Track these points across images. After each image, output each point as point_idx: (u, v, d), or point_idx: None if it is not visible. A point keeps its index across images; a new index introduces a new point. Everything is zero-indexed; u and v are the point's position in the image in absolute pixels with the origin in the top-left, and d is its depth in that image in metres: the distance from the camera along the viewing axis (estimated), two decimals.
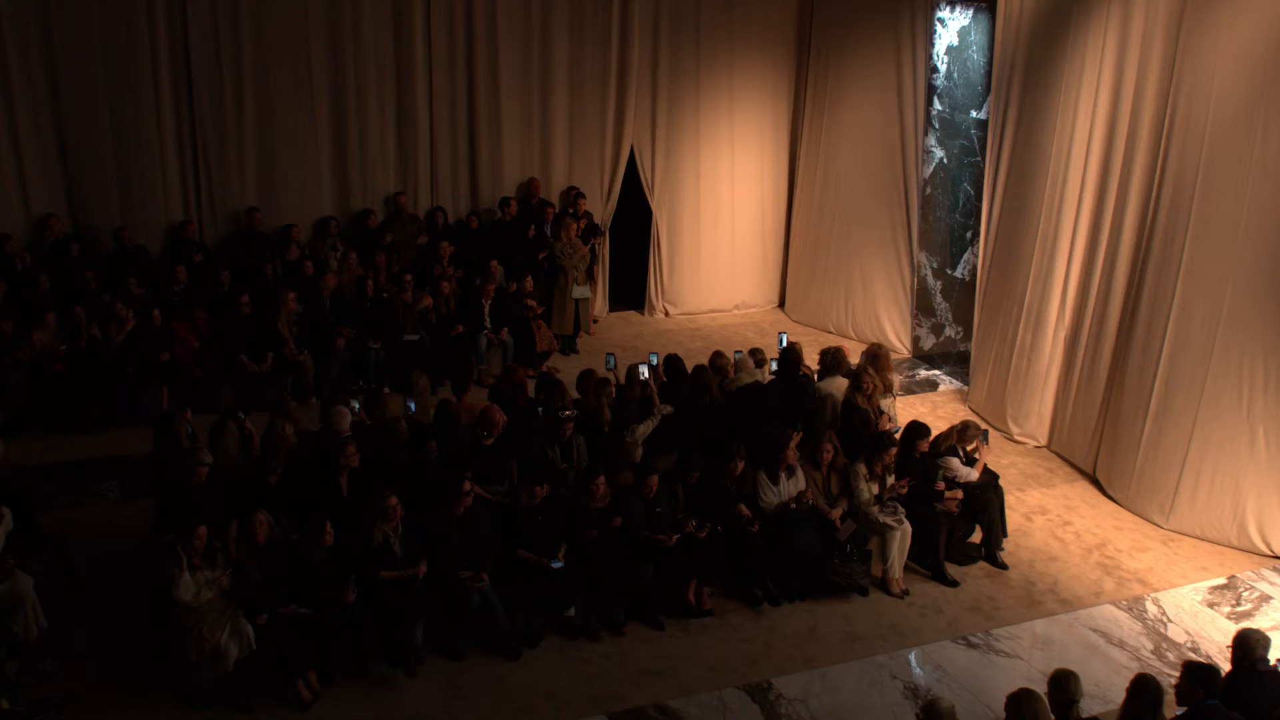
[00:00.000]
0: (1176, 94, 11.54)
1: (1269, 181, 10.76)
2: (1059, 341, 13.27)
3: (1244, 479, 11.24)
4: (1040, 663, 9.60)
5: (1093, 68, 12.52)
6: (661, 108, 17.12)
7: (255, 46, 14.75)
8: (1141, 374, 11.97)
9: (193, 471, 9.54)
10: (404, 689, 8.94)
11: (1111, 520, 12.01)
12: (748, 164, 17.81)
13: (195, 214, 14.94)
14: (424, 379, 11.61)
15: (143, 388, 12.96)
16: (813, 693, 9.11)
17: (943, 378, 15.82)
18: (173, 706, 8.59)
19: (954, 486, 10.99)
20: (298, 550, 8.94)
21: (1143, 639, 9.99)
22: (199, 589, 8.60)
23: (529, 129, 16.49)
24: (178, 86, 14.51)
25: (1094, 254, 12.68)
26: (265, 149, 15.11)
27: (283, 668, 8.64)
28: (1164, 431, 11.74)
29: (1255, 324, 10.98)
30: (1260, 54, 10.76)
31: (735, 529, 10.30)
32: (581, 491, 9.99)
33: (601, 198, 17.08)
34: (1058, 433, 13.49)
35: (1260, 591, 10.74)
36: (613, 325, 17.32)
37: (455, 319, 14.58)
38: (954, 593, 10.62)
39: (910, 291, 16.46)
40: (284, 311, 13.65)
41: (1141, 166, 12.03)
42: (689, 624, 9.94)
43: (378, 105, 15.56)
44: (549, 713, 8.75)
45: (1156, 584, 10.85)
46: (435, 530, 9.35)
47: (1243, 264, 11.00)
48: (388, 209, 15.85)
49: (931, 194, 15.95)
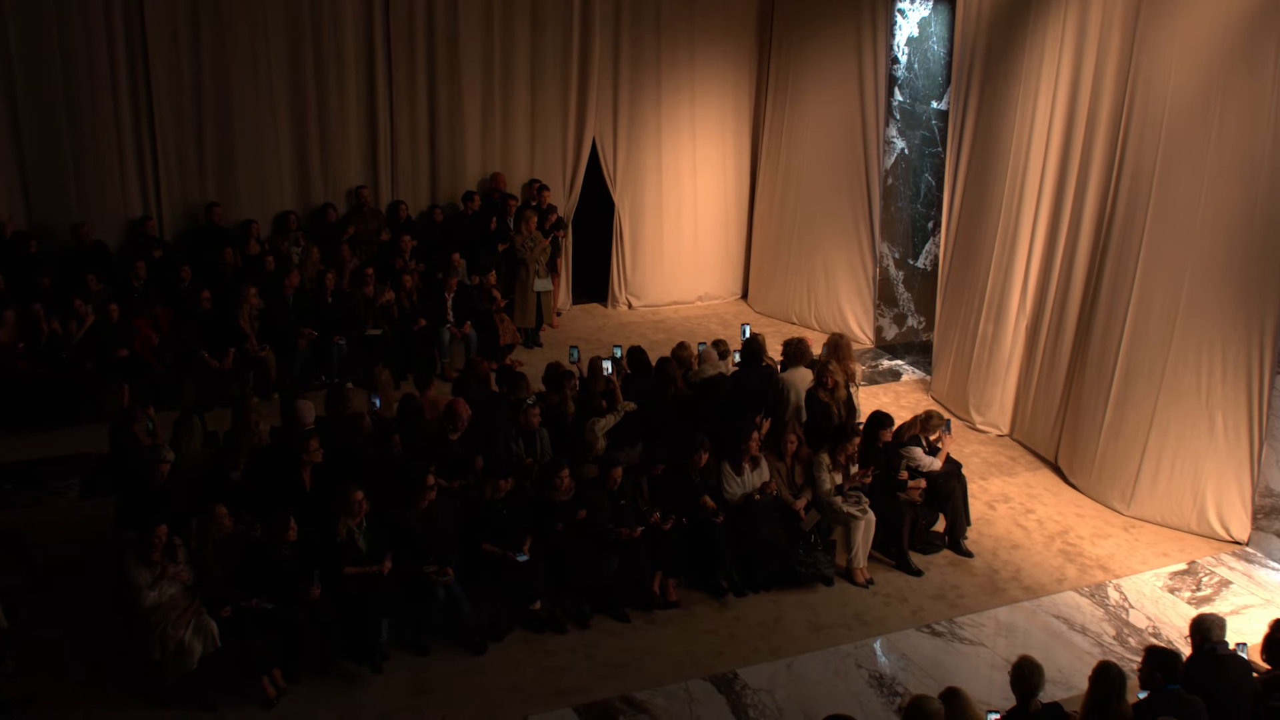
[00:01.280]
0: (1134, 85, 11.62)
1: (1225, 171, 10.85)
2: (1020, 331, 13.35)
3: (1203, 465, 11.34)
4: (1004, 650, 9.67)
5: (1052, 59, 12.59)
6: (623, 100, 17.11)
7: (213, 41, 14.62)
8: (1102, 362, 12.06)
9: (154, 469, 9.47)
10: (370, 685, 8.91)
11: (1073, 507, 12.09)
12: (710, 156, 17.81)
13: (154, 209, 14.81)
14: (386, 373, 11.54)
15: (102, 384, 12.85)
16: (778, 682, 9.13)
17: (905, 368, 15.88)
18: (136, 705, 8.53)
19: (917, 476, 11.04)
20: (261, 545, 8.89)
21: (1105, 625, 10.07)
22: (161, 589, 8.54)
23: (490, 121, 16.44)
24: (135, 81, 14.38)
25: (1054, 244, 12.76)
26: (224, 144, 15.00)
27: (248, 665, 8.60)
28: (1124, 419, 11.83)
29: (1213, 312, 11.07)
30: (1216, 45, 10.84)
31: (700, 520, 10.31)
32: (546, 484, 9.99)
33: (564, 190, 17.05)
34: (1020, 421, 13.57)
35: (1220, 576, 10.84)
36: (576, 318, 17.31)
37: (418, 313, 14.53)
38: (918, 581, 10.68)
39: (872, 282, 16.52)
40: (245, 307, 13.56)
41: (1100, 157, 12.11)
42: (654, 616, 9.96)
43: (337, 99, 15.48)
44: (515, 706, 8.74)
45: (1118, 570, 10.94)
46: (399, 525, 9.32)
47: (1200, 253, 11.09)
48: (350, 203, 15.77)
49: (893, 184, 16.00)
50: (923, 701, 6.82)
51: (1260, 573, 10.89)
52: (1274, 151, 10.49)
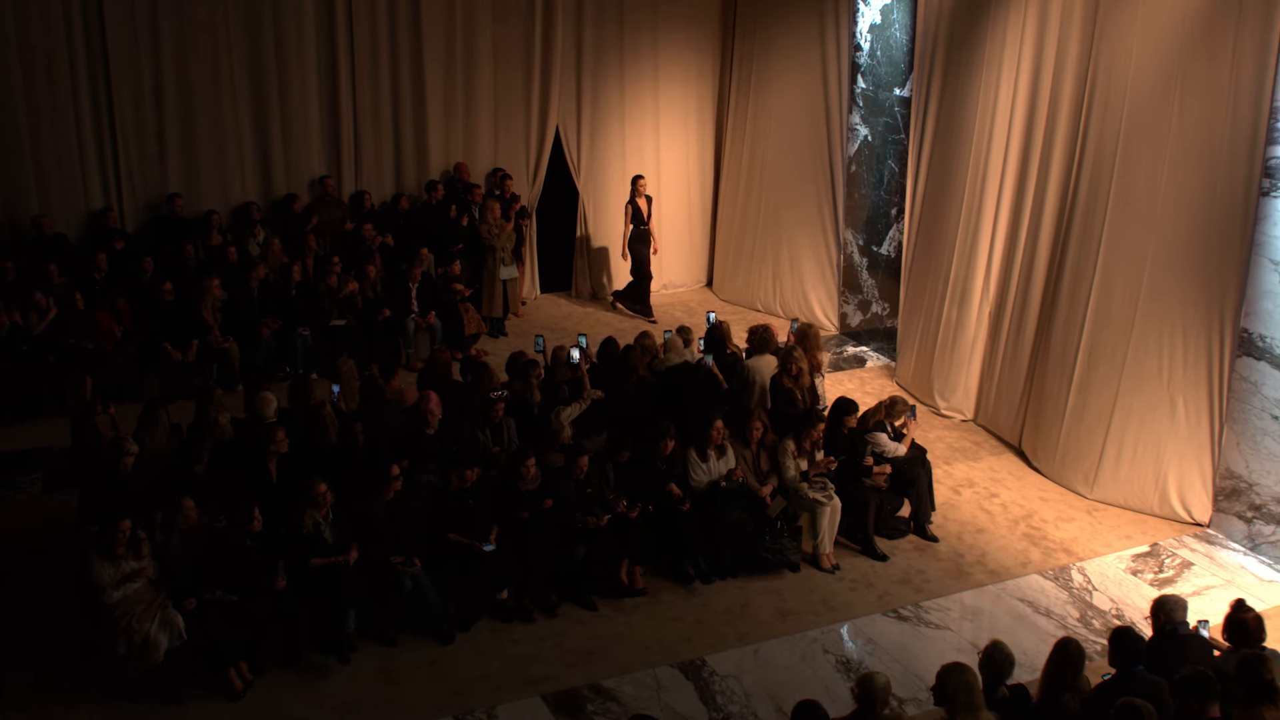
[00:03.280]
0: (1095, 71, 11.68)
1: (1185, 156, 10.93)
2: (984, 316, 13.41)
3: (1165, 448, 11.43)
4: (970, 633, 9.74)
5: (1013, 45, 12.65)
6: (586, 88, 17.07)
7: (173, 29, 14.48)
8: (1065, 347, 12.13)
9: (118, 461, 9.43)
10: (337, 676, 8.90)
11: (1037, 491, 12.17)
12: (673, 144, 17.79)
13: (116, 200, 14.67)
14: (349, 364, 11.51)
15: (65, 377, 12.75)
16: (746, 669, 9.17)
17: (870, 354, 15.93)
18: (102, 699, 8.50)
19: (882, 461, 11.08)
20: (226, 537, 8.86)
21: (1069, 607, 10.15)
22: (124, 583, 8.50)
23: (453, 110, 16.37)
24: (94, 70, 14.23)
25: (1017, 229, 12.82)
26: (186, 134, 14.87)
27: (214, 657, 8.57)
28: (1087, 403, 11.91)
29: (1174, 296, 11.16)
30: (1176, 30, 10.91)
31: (666, 508, 10.33)
32: (512, 474, 9.98)
33: (527, 179, 17.01)
34: (984, 406, 13.64)
35: (1182, 558, 10.94)
36: (541, 307, 17.28)
37: (382, 303, 14.48)
38: (884, 566, 10.73)
39: (837, 269, 16.56)
40: (208, 298, 13.47)
41: (1062, 142, 12.18)
42: (622, 604, 9.97)
43: (299, 88, 15.37)
44: (484, 695, 8.75)
45: (1082, 553, 11.02)
46: (365, 515, 9.30)
47: (1161, 237, 11.17)
48: (313, 193, 15.69)
49: (856, 171, 16.04)
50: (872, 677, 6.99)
51: (1221, 554, 10.99)
52: (1233, 136, 10.58)
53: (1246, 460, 10.97)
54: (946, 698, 6.80)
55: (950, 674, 6.85)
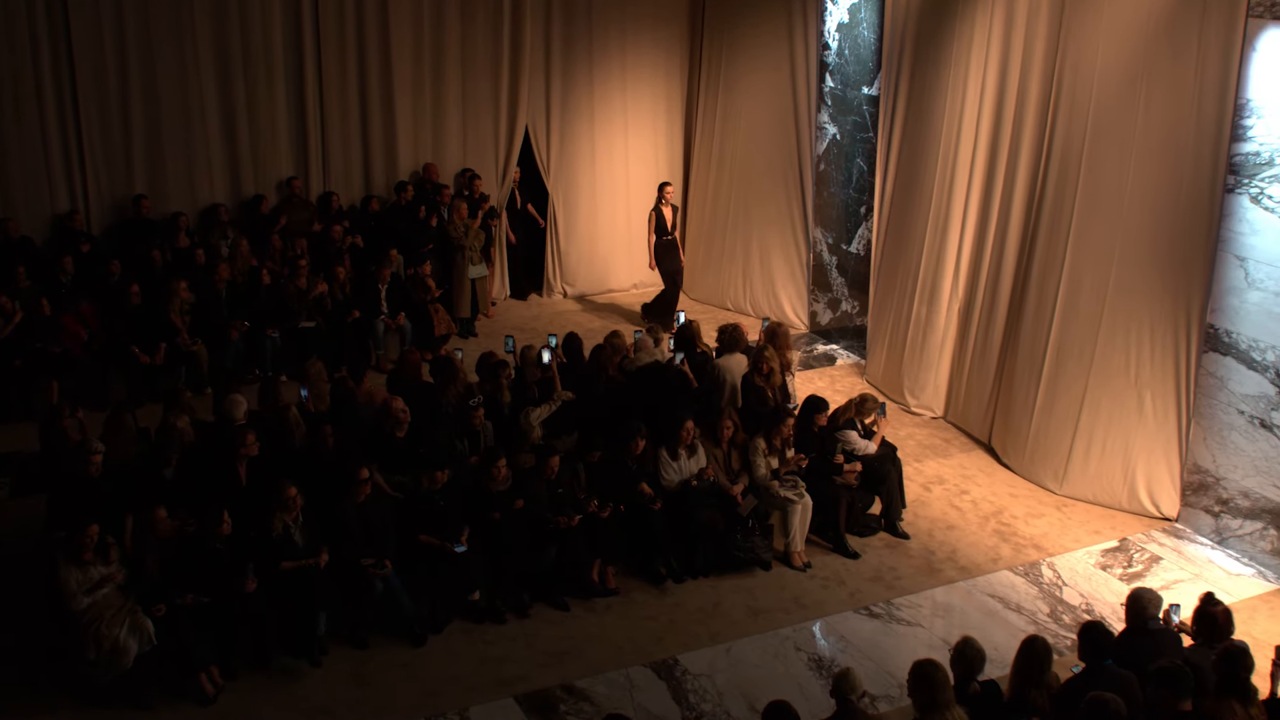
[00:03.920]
0: (1062, 68, 11.74)
1: (1152, 153, 10.99)
2: (953, 314, 13.46)
3: (1133, 443, 11.50)
4: (941, 630, 9.78)
5: (980, 43, 12.70)
6: (555, 88, 17.03)
7: (139, 30, 14.38)
8: (1033, 343, 12.19)
9: (86, 462, 9.36)
10: (309, 679, 8.88)
11: (1007, 488, 12.22)
12: (643, 143, 17.78)
13: (82, 203, 14.56)
14: (318, 366, 11.46)
15: (31, 382, 12.66)
16: (718, 667, 9.18)
17: (840, 352, 15.97)
18: (71, 706, 8.45)
19: (853, 459, 11.11)
20: (195, 541, 8.81)
21: (1039, 603, 10.20)
22: (93, 589, 8.44)
23: (421, 110, 16.31)
24: (59, 72, 14.11)
25: (985, 226, 12.87)
26: (152, 135, 14.77)
27: (184, 662, 8.52)
28: (1056, 399, 11.97)
29: (1141, 291, 11.23)
30: (1141, 27, 10.97)
31: (638, 508, 10.33)
32: (483, 475, 9.96)
33: (496, 179, 16.97)
34: (953, 404, 13.69)
35: (1150, 553, 11.01)
36: (511, 307, 17.24)
37: (351, 305, 14.42)
38: (855, 564, 10.76)
39: (806, 267, 16.58)
40: (175, 301, 13.39)
41: (1029, 140, 12.23)
42: (594, 604, 9.97)
43: (266, 88, 15.29)
44: (456, 697, 8.74)
45: (1051, 549, 11.08)
46: (335, 518, 9.27)
47: (1128, 233, 11.24)
48: (281, 194, 15.62)
49: (825, 170, 16.07)
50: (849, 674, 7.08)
51: (1189, 548, 11.07)
52: (1198, 133, 10.65)
53: (1214, 455, 11.04)
54: (918, 694, 6.82)
55: (922, 670, 6.88)
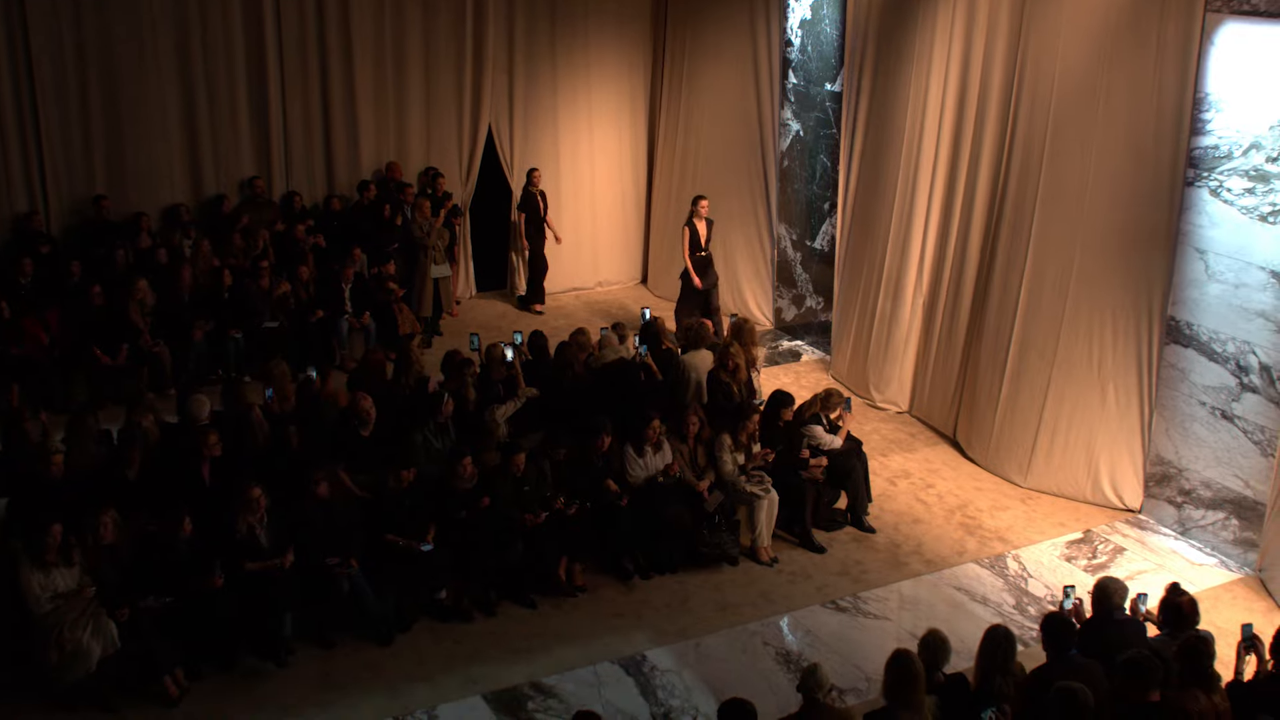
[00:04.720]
0: (1024, 64, 11.80)
1: (1112, 146, 11.06)
2: (917, 308, 13.51)
3: (1096, 435, 11.57)
4: (908, 623, 9.81)
5: (943, 38, 12.74)
6: (519, 86, 16.99)
7: (97, 29, 14.26)
8: (997, 337, 12.25)
9: (47, 463, 9.28)
10: (275, 680, 8.83)
11: (972, 481, 12.28)
12: (607, 140, 17.77)
13: (41, 204, 14.42)
14: (282, 366, 11.39)
15: None
16: (686, 663, 9.19)
17: (805, 348, 16.00)
18: (35, 710, 8.38)
19: (819, 454, 11.13)
20: (158, 542, 8.75)
21: (1005, 595, 10.25)
22: (55, 591, 8.36)
23: (384, 109, 16.25)
24: (17, 70, 13.96)
25: (949, 221, 12.93)
26: (112, 135, 14.65)
27: (149, 665, 8.46)
28: (1020, 392, 12.03)
29: (1102, 284, 11.30)
30: (1101, 22, 11.04)
31: (604, 504, 10.32)
32: (449, 473, 9.93)
33: (460, 178, 16.92)
34: (918, 398, 13.74)
35: (1114, 544, 11.08)
36: (476, 306, 17.19)
37: (315, 304, 14.35)
38: (822, 558, 10.79)
39: (771, 263, 16.60)
40: (135, 300, 13.28)
41: (992, 134, 12.29)
42: (561, 601, 9.97)
43: (228, 87, 15.20)
44: (424, 696, 8.71)
45: (1016, 541, 11.14)
46: (300, 518, 9.22)
47: (1090, 226, 11.30)
48: (243, 194, 15.53)
49: (789, 166, 16.10)
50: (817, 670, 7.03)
51: (1153, 539, 11.14)
52: (1158, 127, 10.72)
53: (1176, 446, 11.12)
54: (891, 687, 6.85)
55: (896, 662, 6.90)
